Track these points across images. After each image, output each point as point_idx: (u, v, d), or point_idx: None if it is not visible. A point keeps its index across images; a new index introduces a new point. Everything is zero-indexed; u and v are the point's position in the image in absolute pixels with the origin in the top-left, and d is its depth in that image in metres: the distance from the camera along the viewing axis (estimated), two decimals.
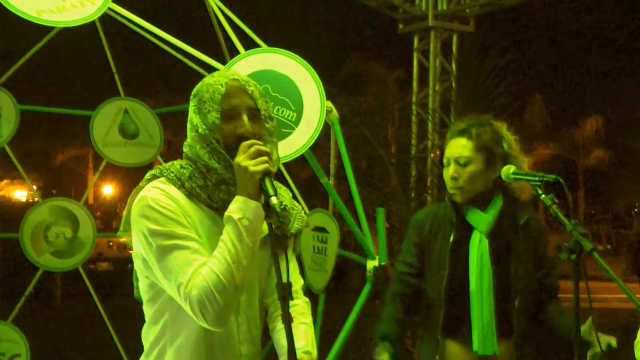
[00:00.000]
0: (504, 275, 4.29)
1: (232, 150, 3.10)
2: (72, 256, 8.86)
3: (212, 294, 2.89)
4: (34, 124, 29.24)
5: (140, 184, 3.22)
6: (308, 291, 8.08)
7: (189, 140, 3.21)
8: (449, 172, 4.44)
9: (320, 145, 8.21)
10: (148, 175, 3.23)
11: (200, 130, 3.14)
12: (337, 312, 7.90)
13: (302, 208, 3.61)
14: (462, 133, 4.44)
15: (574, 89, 46.93)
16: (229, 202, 3.09)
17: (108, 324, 9.08)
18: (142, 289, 3.21)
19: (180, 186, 3.12)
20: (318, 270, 7.74)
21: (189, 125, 3.22)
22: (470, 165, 4.36)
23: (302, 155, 6.73)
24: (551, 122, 42.68)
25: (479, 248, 4.28)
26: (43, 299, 21.63)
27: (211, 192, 3.14)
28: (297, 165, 27.00)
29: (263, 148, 3.04)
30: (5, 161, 9.30)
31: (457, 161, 4.41)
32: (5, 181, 44.96)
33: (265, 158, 3.01)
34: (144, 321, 3.29)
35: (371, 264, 7.13)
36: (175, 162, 3.24)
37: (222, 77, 3.23)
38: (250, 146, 3.02)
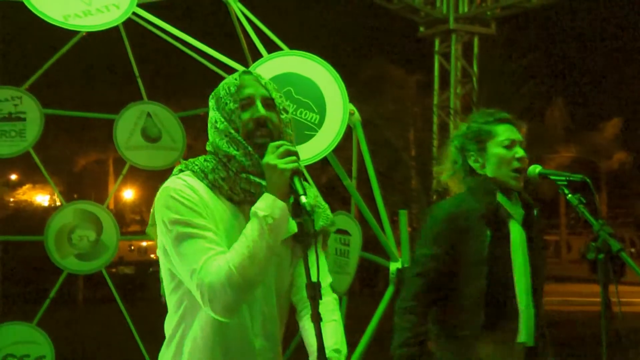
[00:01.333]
0: (536, 266, 4.27)
1: (251, 137, 3.18)
2: (95, 259, 8.93)
3: (224, 285, 2.92)
4: (55, 129, 29.33)
5: (169, 179, 3.26)
6: None
7: (210, 137, 3.27)
8: (514, 153, 4.32)
9: (342, 148, 8.23)
10: (175, 171, 3.28)
11: (219, 124, 3.21)
12: (364, 314, 7.90)
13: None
14: (513, 121, 4.41)
15: (595, 91, 46.67)
16: (249, 193, 3.17)
17: (132, 326, 9.13)
18: (165, 279, 3.26)
19: (204, 178, 3.17)
20: (340, 273, 7.74)
21: (209, 125, 3.28)
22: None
23: (324, 158, 6.74)
24: (572, 125, 42.49)
25: (521, 240, 4.23)
26: (66, 302, 21.73)
27: (233, 184, 3.18)
28: (318, 168, 27.01)
29: (292, 148, 3.07)
30: (27, 166, 9.42)
31: (520, 145, 4.34)
32: (27, 186, 45.15)
33: (294, 157, 3.04)
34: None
35: (394, 266, 7.12)
36: (200, 157, 3.29)
37: (236, 73, 3.34)
38: (279, 146, 3.05)
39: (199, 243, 3.00)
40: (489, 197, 4.26)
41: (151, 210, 3.25)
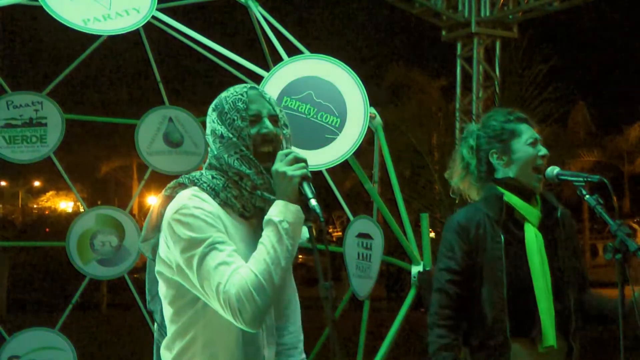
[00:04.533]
0: (557, 269, 4.22)
1: (260, 154, 3.19)
2: (118, 264, 8.94)
3: (251, 293, 2.91)
4: (79, 135, 29.50)
5: (165, 192, 3.24)
6: (353, 298, 8.08)
7: (214, 151, 3.25)
8: (538, 151, 4.27)
9: (364, 152, 8.21)
10: (173, 183, 3.25)
11: (227, 140, 3.19)
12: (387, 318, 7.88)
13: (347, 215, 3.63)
14: (529, 120, 4.39)
15: (618, 95, 46.41)
16: (262, 210, 3.16)
17: (155, 332, 9.12)
18: (168, 297, 3.20)
19: (215, 196, 3.15)
20: (362, 277, 7.72)
21: (211, 138, 3.26)
22: None
23: (347, 163, 6.72)
24: (595, 129, 42.31)
25: (537, 242, 4.20)
26: (89, 308, 21.80)
27: (246, 202, 3.18)
28: (341, 173, 27.00)
29: (300, 155, 3.12)
30: (51, 172, 9.49)
31: (541, 143, 4.32)
32: (50, 192, 45.41)
33: (302, 164, 3.09)
34: None
35: (416, 270, 7.09)
36: (203, 172, 3.26)
37: (240, 87, 3.32)
38: (287, 154, 3.11)
39: (221, 257, 2.98)
40: (499, 202, 4.23)
41: (147, 223, 3.22)
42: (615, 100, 45.48)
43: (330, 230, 49.75)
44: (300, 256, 26.82)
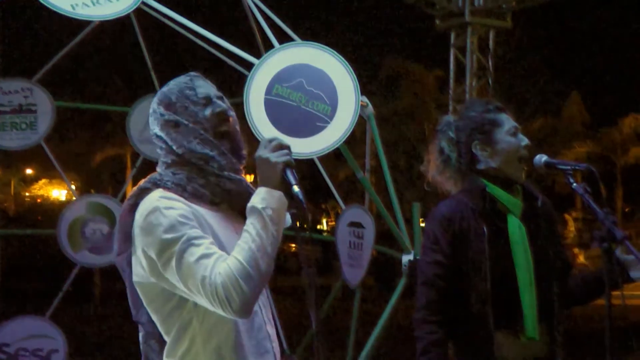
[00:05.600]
0: (540, 260, 4.20)
1: (218, 134, 3.18)
2: (109, 252, 8.89)
3: (238, 281, 2.88)
4: (72, 124, 29.41)
5: (129, 201, 3.16)
6: (345, 287, 8.08)
7: (170, 143, 3.18)
8: (520, 141, 4.21)
9: (359, 141, 8.21)
10: (135, 191, 3.18)
11: (182, 125, 3.16)
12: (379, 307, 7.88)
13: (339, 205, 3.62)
14: (506, 109, 4.36)
15: (613, 86, 46.41)
16: (227, 192, 3.16)
17: None
18: (154, 307, 3.17)
19: (182, 191, 3.12)
20: (354, 266, 7.72)
21: (164, 132, 3.19)
22: None
23: (341, 153, 6.71)
24: (589, 120, 42.32)
25: (520, 234, 4.18)
26: (82, 298, 21.76)
27: (214, 188, 3.16)
28: (336, 163, 27.01)
29: (284, 142, 3.09)
30: (44, 161, 9.44)
31: (522, 132, 4.31)
32: (43, 180, 45.36)
33: (286, 151, 3.07)
34: None
35: (406, 259, 7.09)
36: (160, 172, 3.20)
37: (182, 77, 3.31)
38: (271, 140, 3.09)
39: (200, 251, 2.94)
40: (483, 193, 4.20)
41: (117, 235, 3.17)
42: (610, 92, 45.53)
43: (325, 220, 49.82)
44: (292, 245, 26.80)
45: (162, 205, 3.01)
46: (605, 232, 3.42)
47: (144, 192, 3.13)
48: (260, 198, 3.00)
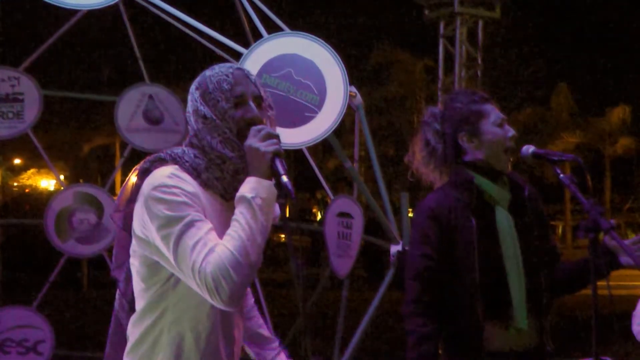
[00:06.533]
0: (528, 250, 4.20)
1: (243, 137, 3.11)
2: (97, 242, 8.87)
3: (228, 271, 2.87)
4: (62, 114, 29.31)
5: (144, 165, 3.17)
6: (334, 277, 8.09)
7: (197, 131, 3.18)
8: (506, 132, 4.20)
9: (348, 130, 8.21)
10: (153, 157, 3.18)
11: (210, 121, 3.14)
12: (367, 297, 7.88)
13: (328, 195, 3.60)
14: (492, 100, 4.35)
15: (601, 77, 46.47)
16: None
17: None
18: (142, 273, 3.15)
19: (197, 176, 3.10)
20: (342, 256, 7.72)
21: (193, 117, 3.19)
22: None
23: (330, 145, 6.71)
24: (578, 111, 42.41)
25: (507, 225, 4.18)
26: (70, 288, 21.70)
27: (227, 185, 3.14)
28: (325, 153, 27.04)
29: (273, 132, 3.07)
30: (32, 150, 9.40)
31: (508, 123, 4.30)
32: (32, 170, 45.19)
33: (276, 140, 3.04)
34: None
35: (395, 249, 7.09)
36: (184, 149, 3.19)
37: (225, 67, 3.25)
38: (260, 130, 3.06)
39: (198, 235, 2.94)
40: (470, 185, 4.19)
41: (122, 194, 3.17)
42: (598, 82, 45.60)
43: (315, 211, 49.88)
44: (282, 235, 26.78)
45: (171, 183, 3.01)
46: (591, 222, 3.42)
47: (160, 162, 3.13)
48: (250, 187, 2.99)
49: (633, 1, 42.39)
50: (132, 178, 3.18)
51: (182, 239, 2.93)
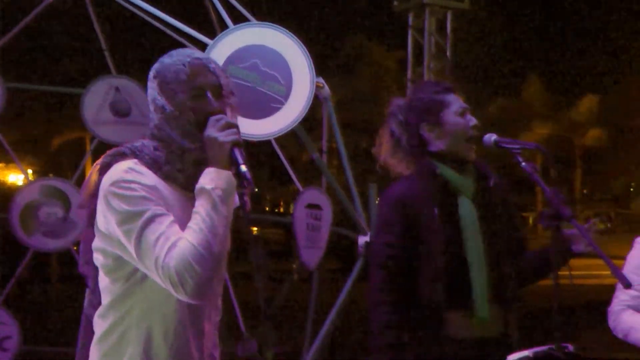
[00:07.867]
0: (492, 240, 4.20)
1: (203, 128, 3.07)
2: (64, 236, 8.79)
3: (190, 265, 2.85)
4: (31, 108, 29.14)
5: (104, 159, 3.12)
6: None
7: (156, 121, 3.13)
8: (468, 121, 4.18)
9: (320, 122, 8.20)
10: (113, 151, 3.13)
11: (168, 111, 3.10)
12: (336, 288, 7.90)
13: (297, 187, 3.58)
14: (457, 89, 4.34)
15: (571, 67, 46.80)
16: None
17: None
18: (106, 267, 3.11)
19: (157, 169, 3.06)
20: (312, 248, 7.71)
21: (152, 107, 3.14)
22: None
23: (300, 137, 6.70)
24: (549, 102, 42.70)
25: (470, 214, 4.18)
26: (38, 283, 21.60)
27: (189, 176, 3.10)
28: (296, 145, 27.05)
29: (232, 121, 3.05)
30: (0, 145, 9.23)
31: (471, 112, 4.29)
32: None
33: (235, 130, 3.02)
34: None
35: (363, 240, 7.09)
36: (144, 142, 3.14)
37: (183, 56, 3.17)
38: (219, 119, 3.03)
39: (159, 230, 2.91)
40: (434, 175, 4.19)
41: (84, 189, 3.14)
42: (568, 72, 45.91)
43: (288, 203, 49.98)
44: (254, 229, 26.80)
45: (129, 178, 2.97)
46: (553, 210, 3.42)
47: (120, 157, 3.08)
48: (209, 178, 2.96)
49: None
50: (94, 173, 3.13)
51: (144, 235, 2.90)
